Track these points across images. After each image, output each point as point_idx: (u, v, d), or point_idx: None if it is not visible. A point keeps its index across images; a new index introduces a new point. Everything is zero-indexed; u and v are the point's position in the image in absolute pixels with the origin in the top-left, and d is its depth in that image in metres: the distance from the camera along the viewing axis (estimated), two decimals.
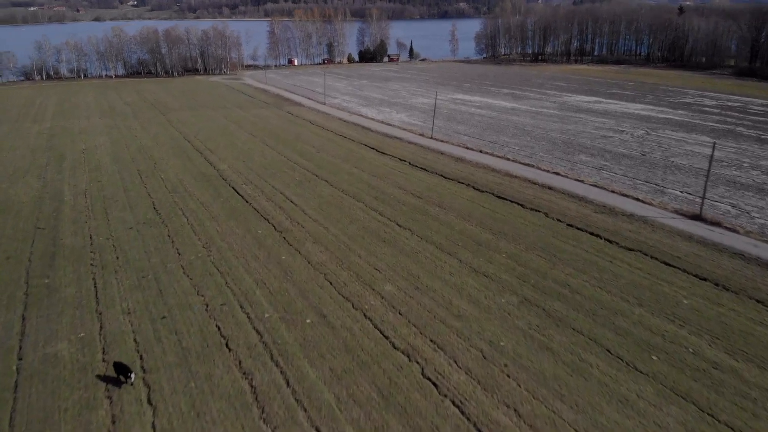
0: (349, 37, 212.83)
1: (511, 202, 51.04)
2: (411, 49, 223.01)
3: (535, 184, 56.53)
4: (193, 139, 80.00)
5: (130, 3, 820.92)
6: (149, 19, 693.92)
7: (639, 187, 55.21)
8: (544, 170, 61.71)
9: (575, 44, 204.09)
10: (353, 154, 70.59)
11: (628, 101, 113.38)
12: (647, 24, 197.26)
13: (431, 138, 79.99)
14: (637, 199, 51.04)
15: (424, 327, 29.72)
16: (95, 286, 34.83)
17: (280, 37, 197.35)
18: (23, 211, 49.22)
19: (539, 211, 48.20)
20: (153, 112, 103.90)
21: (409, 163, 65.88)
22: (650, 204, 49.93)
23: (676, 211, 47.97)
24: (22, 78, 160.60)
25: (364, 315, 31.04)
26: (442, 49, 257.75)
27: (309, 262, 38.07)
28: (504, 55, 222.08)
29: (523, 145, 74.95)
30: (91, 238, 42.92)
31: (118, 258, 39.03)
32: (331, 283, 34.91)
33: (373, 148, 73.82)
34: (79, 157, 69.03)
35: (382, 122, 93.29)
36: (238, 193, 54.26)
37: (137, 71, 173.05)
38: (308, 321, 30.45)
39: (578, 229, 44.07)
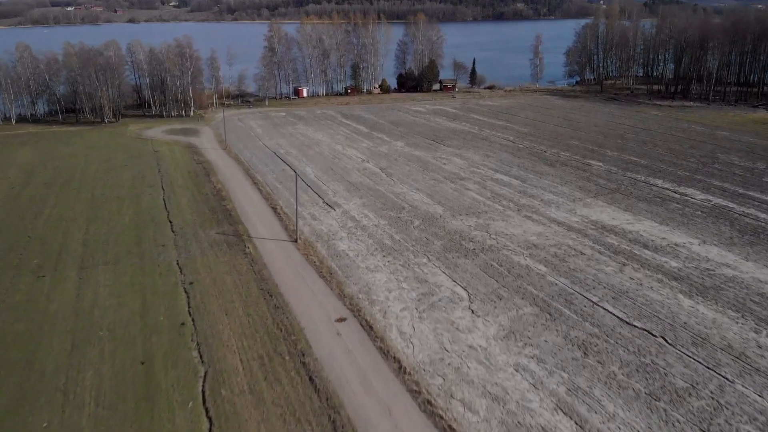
0: (385, 57, 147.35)
1: None
2: (473, 72, 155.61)
3: None
4: None
5: (172, 4, 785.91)
6: (185, 20, 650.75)
7: None
8: None
9: (710, 67, 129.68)
10: None
11: None
12: None
13: None
14: None
15: None
16: None
17: (282, 54, 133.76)
18: None
19: None
20: None
21: None
22: None
23: None
24: None
25: None
26: (510, 67, 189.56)
27: None
28: (608, 79, 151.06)
29: None
30: None
31: None
32: None
33: None
34: None
35: (429, 401, 27.66)
36: None
37: (56, 110, 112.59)
38: None
39: None
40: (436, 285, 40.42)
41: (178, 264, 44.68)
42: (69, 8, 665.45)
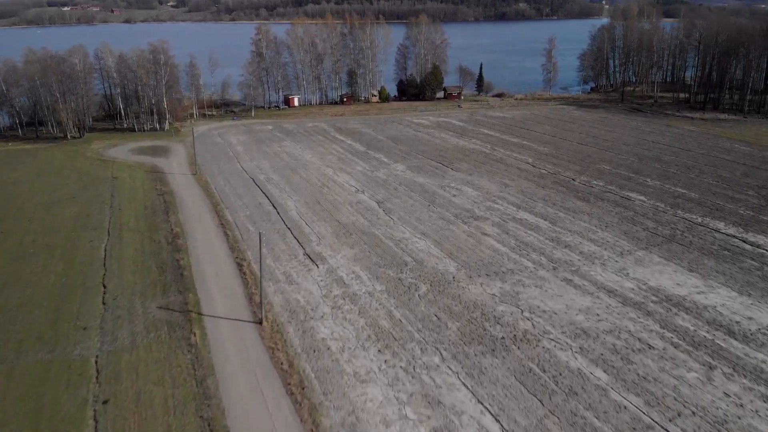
0: (384, 62, 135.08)
1: None
2: (480, 77, 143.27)
3: None
4: None
5: (170, 4, 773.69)
6: (182, 21, 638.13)
7: None
8: None
9: (741, 75, 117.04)
10: None
11: None
12: None
13: None
14: None
15: None
16: None
17: (271, 60, 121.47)
18: None
19: None
20: None
21: None
22: None
23: None
24: None
25: None
26: (518, 72, 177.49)
27: None
28: (626, 86, 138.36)
29: None
30: None
31: None
32: None
33: None
34: None
35: None
36: None
37: (16, 124, 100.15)
38: None
39: None
40: (456, 411, 28.14)
41: (96, 363, 32.49)
42: (65, 8, 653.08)
